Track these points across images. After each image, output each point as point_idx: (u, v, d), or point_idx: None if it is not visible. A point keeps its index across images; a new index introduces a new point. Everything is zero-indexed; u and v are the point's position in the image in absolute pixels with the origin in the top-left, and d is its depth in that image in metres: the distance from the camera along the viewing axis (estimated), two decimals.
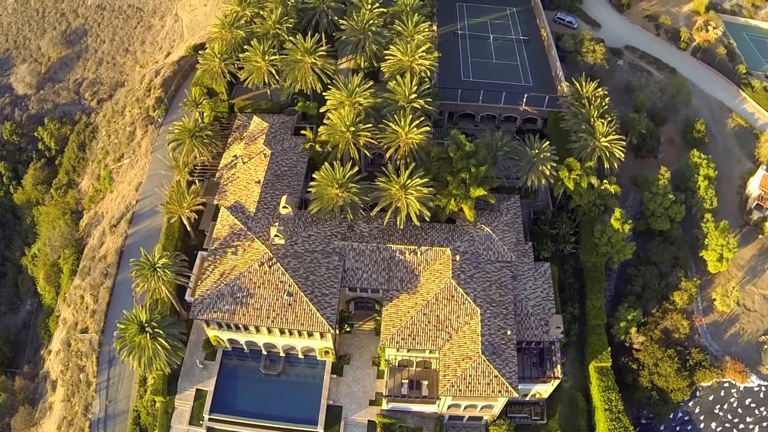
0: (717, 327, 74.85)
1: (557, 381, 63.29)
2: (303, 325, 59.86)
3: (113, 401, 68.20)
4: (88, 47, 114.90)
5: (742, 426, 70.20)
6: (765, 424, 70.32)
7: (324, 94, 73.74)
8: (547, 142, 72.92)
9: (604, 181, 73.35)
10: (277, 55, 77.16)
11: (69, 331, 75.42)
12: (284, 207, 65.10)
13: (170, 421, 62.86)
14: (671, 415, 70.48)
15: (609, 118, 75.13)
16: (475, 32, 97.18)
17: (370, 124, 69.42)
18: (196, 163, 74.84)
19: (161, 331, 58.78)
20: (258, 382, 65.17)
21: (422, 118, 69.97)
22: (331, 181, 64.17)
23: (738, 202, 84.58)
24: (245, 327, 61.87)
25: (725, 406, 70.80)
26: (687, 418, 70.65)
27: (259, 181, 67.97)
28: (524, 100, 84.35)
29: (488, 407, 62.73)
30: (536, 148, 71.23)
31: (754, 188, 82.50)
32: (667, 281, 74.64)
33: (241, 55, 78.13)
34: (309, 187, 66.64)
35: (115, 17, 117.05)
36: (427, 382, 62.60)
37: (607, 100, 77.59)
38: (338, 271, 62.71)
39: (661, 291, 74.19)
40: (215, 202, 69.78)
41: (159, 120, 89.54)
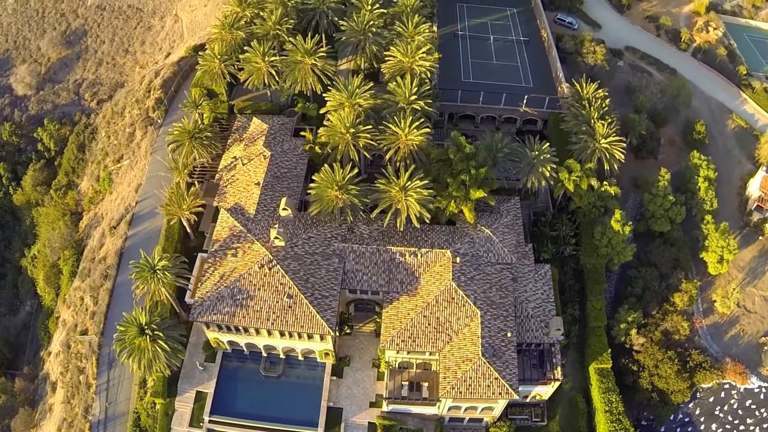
0: (717, 328, 74.85)
1: (557, 383, 63.26)
2: (303, 328, 59.82)
3: (113, 403, 68.09)
4: (88, 48, 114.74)
5: (742, 427, 70.22)
6: (765, 426, 70.35)
7: (324, 95, 73.59)
8: (547, 144, 72.81)
9: (605, 182, 73.27)
10: (277, 56, 76.97)
11: (69, 332, 75.32)
12: (284, 209, 64.99)
13: (170, 423, 62.85)
14: (671, 417, 70.53)
15: (609, 120, 75.00)
16: (475, 33, 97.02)
17: (370, 126, 69.24)
18: (196, 164, 74.76)
19: (161, 333, 58.70)
20: (258, 384, 65.15)
21: (422, 120, 69.84)
22: (331, 183, 64.05)
23: (738, 204, 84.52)
24: (245, 329, 61.79)
25: (725, 408, 70.83)
26: (687, 420, 70.68)
27: (259, 183, 67.85)
28: (524, 101, 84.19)
29: (489, 409, 62.72)
30: (536, 150, 71.10)
31: (754, 190, 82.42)
32: (667, 283, 74.59)
33: (241, 56, 77.94)
34: (309, 189, 66.51)
35: (114, 18, 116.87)
36: (427, 383, 62.57)
37: (607, 102, 77.49)
38: (338, 273, 62.65)
39: (662, 292, 74.20)
40: (215, 203, 69.69)
41: (159, 121, 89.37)
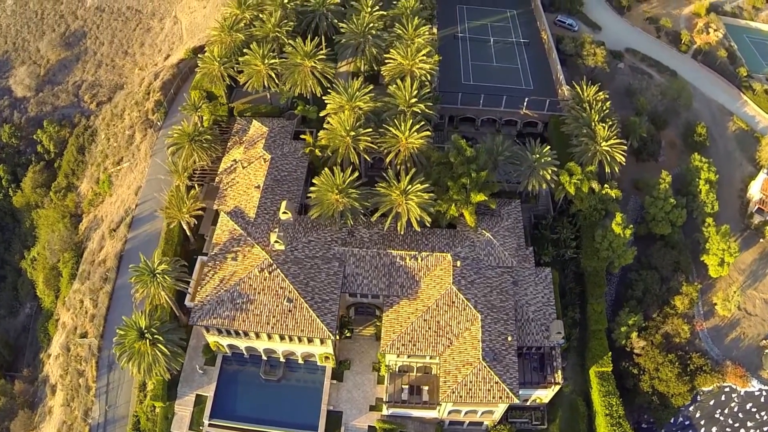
0: (718, 331, 74.79)
1: (558, 386, 63.14)
2: (303, 332, 59.69)
3: (113, 406, 67.96)
4: (87, 49, 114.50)
5: (742, 431, 70.12)
6: (766, 429, 70.25)
7: (324, 98, 73.46)
8: (548, 147, 72.71)
9: (605, 185, 73.15)
10: (277, 59, 76.82)
11: (68, 335, 75.16)
12: (284, 212, 64.80)
13: (170, 427, 62.72)
14: (672, 420, 70.46)
15: (610, 122, 74.87)
16: (475, 35, 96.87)
17: (370, 129, 69.11)
18: (196, 167, 74.60)
19: (161, 337, 58.57)
20: (258, 388, 65.05)
21: (422, 123, 69.73)
22: (331, 187, 63.91)
23: (739, 206, 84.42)
24: (245, 333, 61.65)
25: (726, 411, 70.77)
26: (688, 423, 70.61)
27: (259, 186, 67.70)
28: (525, 103, 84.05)
29: (489, 413, 62.62)
30: (537, 153, 70.97)
31: (755, 192, 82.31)
32: (668, 286, 74.49)
33: (240, 59, 77.82)
34: (309, 193, 66.37)
35: (114, 19, 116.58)
36: (427, 387, 62.53)
37: (608, 104, 77.40)
38: (338, 277, 62.50)
39: (662, 295, 74.10)
40: (215, 207, 69.52)
41: (158, 123, 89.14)
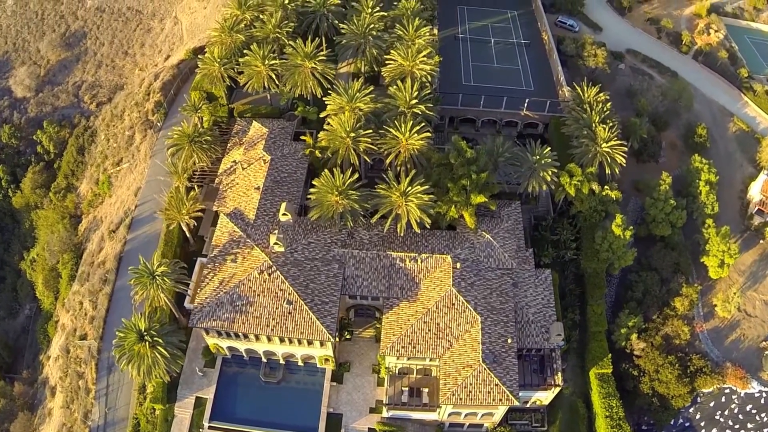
0: (718, 333, 74.67)
1: (558, 388, 63.07)
2: (303, 334, 59.60)
3: (112, 408, 67.90)
4: (87, 50, 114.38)
5: None
6: (766, 430, 70.15)
7: (324, 99, 73.35)
8: (548, 148, 72.58)
9: (606, 186, 73.05)
10: (277, 60, 76.70)
11: (68, 337, 75.08)
12: (284, 214, 64.70)
13: (170, 429, 62.64)
14: (672, 422, 70.32)
15: (610, 124, 74.73)
16: (476, 36, 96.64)
17: (371, 130, 68.95)
18: (195, 168, 74.48)
19: (160, 339, 58.49)
20: (258, 390, 64.96)
21: (423, 124, 69.61)
22: (331, 188, 63.80)
23: (739, 207, 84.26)
24: (245, 335, 61.60)
25: (726, 413, 70.67)
26: (688, 425, 70.50)
27: (259, 188, 67.59)
28: (525, 104, 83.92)
29: (489, 415, 62.58)
30: (537, 154, 70.88)
31: (755, 193, 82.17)
32: (668, 287, 74.37)
33: (240, 60, 77.67)
34: (309, 194, 66.27)
35: (114, 20, 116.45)
36: (427, 389, 62.45)
37: (608, 105, 77.23)
38: (338, 279, 62.41)
39: (662, 297, 73.98)
40: (214, 208, 69.36)
41: (158, 124, 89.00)
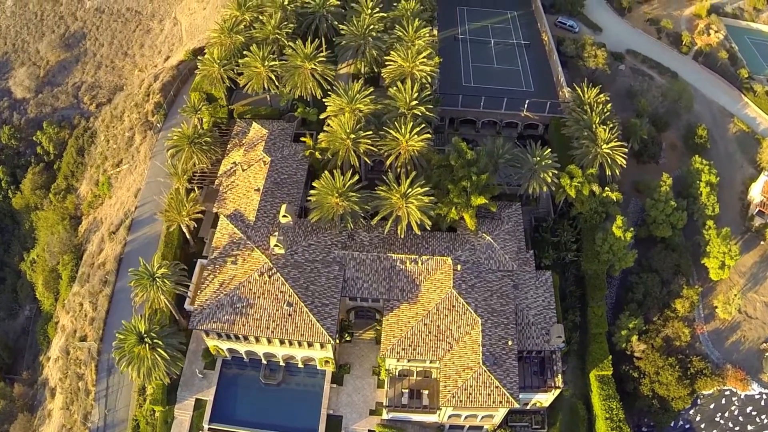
0: (718, 334, 74.56)
1: (558, 390, 63.01)
2: (303, 336, 59.54)
3: (112, 410, 67.90)
4: (87, 51, 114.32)
5: None
6: None
7: (324, 100, 73.25)
8: (549, 149, 72.50)
9: (606, 188, 72.96)
10: (277, 61, 76.60)
11: (68, 338, 75.03)
12: (284, 216, 64.61)
13: (170, 431, 62.61)
14: (672, 424, 70.14)
15: (611, 125, 74.66)
16: (476, 37, 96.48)
17: (371, 131, 68.87)
18: (195, 170, 74.37)
19: (160, 341, 58.48)
20: (258, 392, 64.90)
21: (423, 125, 69.53)
22: (331, 190, 63.71)
23: (740, 208, 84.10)
24: (245, 337, 61.52)
25: (726, 414, 70.55)
26: (688, 427, 70.37)
27: (259, 189, 67.50)
28: (525, 106, 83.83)
29: (489, 417, 62.50)
30: (538, 156, 70.79)
31: (756, 194, 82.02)
32: (668, 289, 74.26)
33: (240, 61, 77.56)
34: (309, 196, 66.16)
35: (113, 20, 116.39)
36: (427, 391, 62.35)
37: (609, 107, 77.15)
38: (338, 281, 62.35)
39: (663, 298, 73.89)
40: (214, 210, 69.26)
41: (158, 125, 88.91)
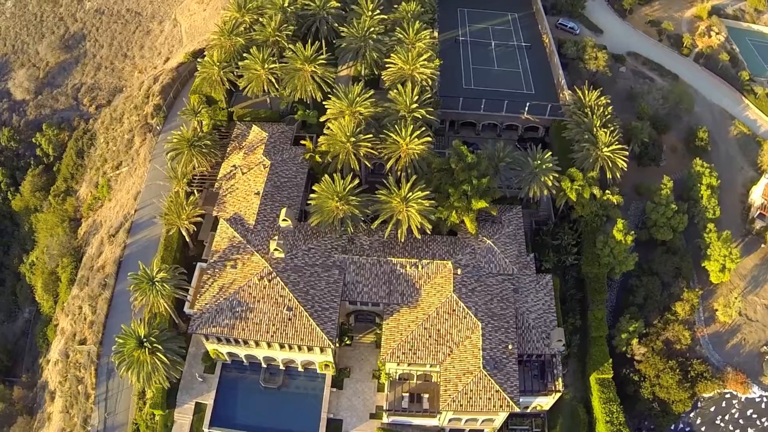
0: (719, 337, 74.49)
1: (558, 394, 62.91)
2: (303, 340, 59.43)
3: (112, 413, 67.76)
4: (87, 52, 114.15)
5: None
6: None
7: (324, 103, 73.12)
8: (549, 152, 72.37)
9: (607, 191, 72.81)
10: (277, 63, 76.47)
11: (67, 341, 74.90)
12: (284, 220, 64.47)
13: None
14: (672, 427, 70.17)
15: (612, 128, 74.54)
16: (476, 39, 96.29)
17: (371, 134, 68.77)
18: (195, 172, 74.21)
19: (160, 345, 58.30)
20: (258, 395, 64.78)
21: (423, 128, 69.37)
22: (332, 194, 63.55)
23: (740, 211, 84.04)
24: (245, 341, 61.39)
25: (727, 417, 70.52)
26: (688, 430, 70.34)
27: (259, 193, 67.30)
28: (526, 108, 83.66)
29: (489, 420, 62.37)
30: (538, 159, 70.64)
31: (756, 197, 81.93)
32: (669, 292, 74.26)
33: (240, 63, 77.40)
34: (309, 200, 66.02)
35: (113, 22, 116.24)
36: (427, 395, 62.28)
37: (609, 109, 77.04)
38: (338, 285, 62.21)
39: (663, 301, 73.87)
40: (214, 213, 69.08)
41: (157, 128, 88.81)
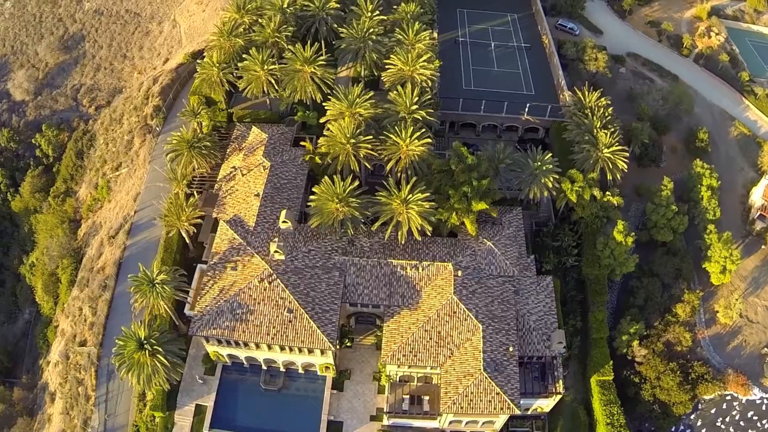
0: (719, 339, 74.45)
1: (559, 396, 62.87)
2: (303, 342, 59.35)
3: (112, 415, 67.63)
4: (86, 53, 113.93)
5: None
6: None
7: (324, 104, 72.99)
8: (550, 153, 72.31)
9: (607, 192, 72.72)
10: (276, 64, 76.31)
11: (67, 343, 74.77)
12: (284, 221, 64.36)
13: None
14: (673, 429, 70.09)
15: (612, 129, 74.47)
16: (476, 39, 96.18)
17: (371, 136, 68.67)
18: (195, 174, 74.08)
19: (160, 347, 58.21)
20: (258, 397, 64.71)
21: (423, 129, 69.28)
22: (332, 196, 63.45)
23: (741, 212, 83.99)
24: (245, 343, 61.29)
25: (727, 419, 70.45)
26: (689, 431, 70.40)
27: (258, 194, 67.20)
28: (526, 109, 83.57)
29: (490, 422, 62.32)
30: (538, 160, 70.55)
31: (757, 198, 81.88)
32: (669, 293, 74.20)
33: (239, 64, 77.22)
34: (309, 201, 65.91)
35: (112, 22, 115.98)
36: (428, 397, 62.27)
37: (610, 110, 76.96)
38: (339, 287, 62.13)
39: (664, 303, 73.81)
40: (214, 215, 69.00)
41: (157, 129, 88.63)
